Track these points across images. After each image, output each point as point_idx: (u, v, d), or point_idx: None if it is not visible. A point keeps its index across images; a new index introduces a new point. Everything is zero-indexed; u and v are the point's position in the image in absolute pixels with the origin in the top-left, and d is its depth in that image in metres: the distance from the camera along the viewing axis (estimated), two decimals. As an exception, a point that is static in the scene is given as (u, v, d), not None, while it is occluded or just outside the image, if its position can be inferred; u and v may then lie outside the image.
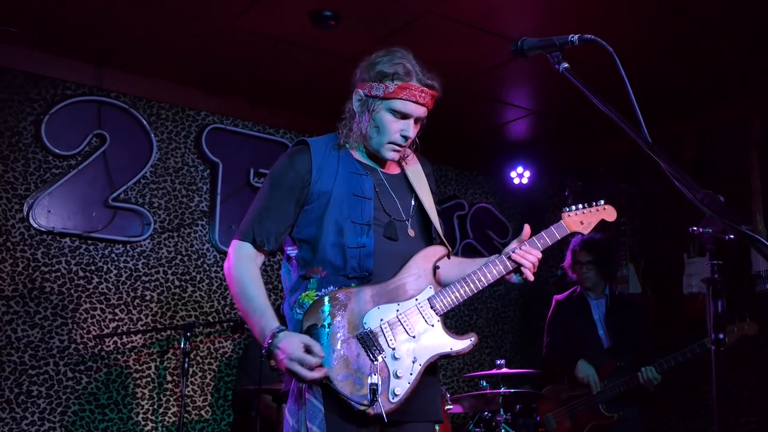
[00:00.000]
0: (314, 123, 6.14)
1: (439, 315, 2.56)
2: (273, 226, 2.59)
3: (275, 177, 2.65)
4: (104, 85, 5.31)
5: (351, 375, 2.40)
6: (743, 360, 5.23)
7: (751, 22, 4.53)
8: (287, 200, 2.60)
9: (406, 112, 2.60)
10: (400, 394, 2.44)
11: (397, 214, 2.65)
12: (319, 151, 2.67)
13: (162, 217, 5.44)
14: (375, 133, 2.63)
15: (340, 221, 2.54)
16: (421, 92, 2.60)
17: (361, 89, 2.68)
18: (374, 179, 2.66)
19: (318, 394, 2.39)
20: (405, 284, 2.56)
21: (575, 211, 2.89)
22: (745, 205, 5.09)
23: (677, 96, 5.56)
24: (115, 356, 5.13)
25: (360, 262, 2.52)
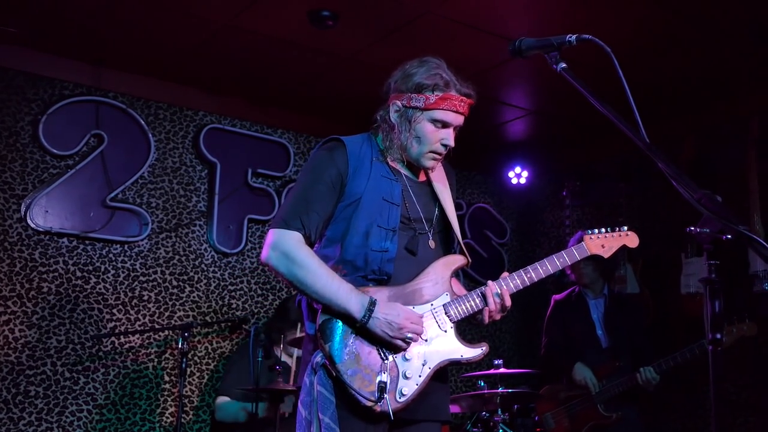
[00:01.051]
0: (313, 122, 6.15)
1: (453, 322, 2.61)
2: (317, 218, 2.60)
3: (317, 170, 2.65)
4: (102, 85, 5.30)
5: (361, 371, 2.45)
6: (741, 360, 5.23)
7: (749, 22, 4.53)
8: (329, 194, 2.61)
9: (447, 121, 2.65)
10: (407, 394, 2.48)
11: (420, 222, 2.69)
12: (354, 152, 2.68)
13: (160, 217, 5.44)
14: (416, 144, 2.66)
15: (367, 224, 2.57)
16: (460, 102, 2.66)
17: (399, 100, 2.69)
18: (402, 186, 2.69)
19: (329, 386, 2.44)
20: (422, 289, 2.60)
21: (597, 234, 2.92)
22: (743, 205, 5.09)
23: (675, 96, 5.56)
24: (113, 356, 5.13)
25: (381, 266, 2.55)
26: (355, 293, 2.47)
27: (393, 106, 2.70)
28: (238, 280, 5.67)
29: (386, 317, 2.45)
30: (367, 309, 2.45)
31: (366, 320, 2.44)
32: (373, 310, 2.45)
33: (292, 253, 2.51)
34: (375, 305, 2.46)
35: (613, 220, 5.96)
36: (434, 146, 2.66)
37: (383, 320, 2.44)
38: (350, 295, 2.46)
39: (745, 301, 4.96)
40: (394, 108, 2.69)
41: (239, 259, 5.70)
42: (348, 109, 5.84)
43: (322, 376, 2.46)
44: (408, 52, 3.20)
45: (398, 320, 2.46)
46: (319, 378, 2.45)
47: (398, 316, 2.46)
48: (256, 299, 5.73)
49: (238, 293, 5.66)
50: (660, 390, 4.80)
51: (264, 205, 5.82)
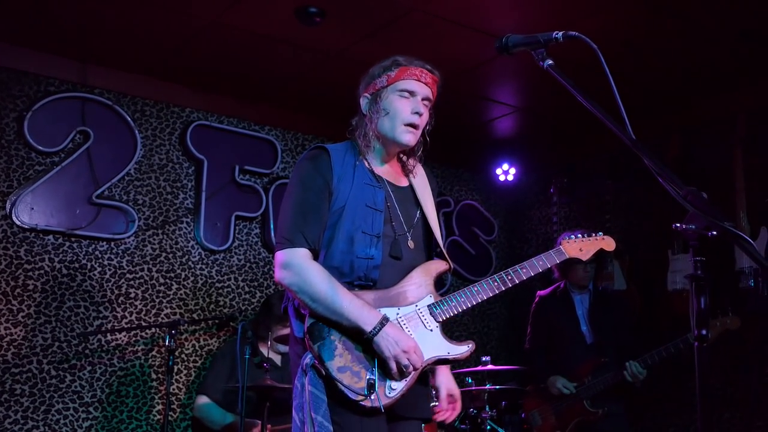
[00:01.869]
0: (300, 119, 6.14)
1: (438, 321, 2.68)
2: (316, 228, 2.64)
3: (305, 181, 2.70)
4: (88, 82, 5.27)
5: (350, 368, 2.51)
6: (726, 355, 5.26)
7: (736, 20, 4.55)
8: (321, 203, 2.67)
9: (412, 89, 2.73)
10: (397, 389, 2.54)
11: (401, 227, 2.75)
12: (338, 160, 2.75)
13: (146, 214, 5.41)
14: (388, 120, 2.74)
15: (351, 231, 2.63)
16: (422, 72, 2.75)
17: (366, 93, 2.81)
18: (385, 192, 2.76)
19: (320, 386, 2.49)
20: (406, 291, 2.67)
21: (575, 239, 3.03)
22: (729, 202, 5.12)
23: (662, 93, 5.58)
24: (100, 354, 5.10)
25: (366, 272, 2.62)
26: (368, 308, 2.54)
27: (363, 100, 2.82)
28: (226, 278, 5.66)
29: (395, 337, 2.51)
30: (379, 323, 2.51)
31: (375, 333, 2.50)
32: (384, 325, 2.51)
33: (303, 272, 2.56)
34: (387, 321, 2.53)
35: (600, 217, 5.98)
36: (406, 116, 2.72)
37: (392, 338, 2.50)
38: (362, 309, 2.52)
39: (731, 298, 4.98)
40: (364, 101, 2.81)
41: (226, 257, 5.69)
42: (335, 106, 5.82)
43: (312, 376, 2.50)
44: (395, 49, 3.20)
45: (406, 344, 2.52)
46: (310, 379, 2.50)
47: (406, 341, 2.53)
48: (243, 296, 5.72)
49: (225, 290, 5.64)
50: (646, 385, 4.82)
51: (251, 202, 5.81)
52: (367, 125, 2.78)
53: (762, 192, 5.06)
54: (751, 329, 4.94)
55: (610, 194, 6.00)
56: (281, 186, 5.95)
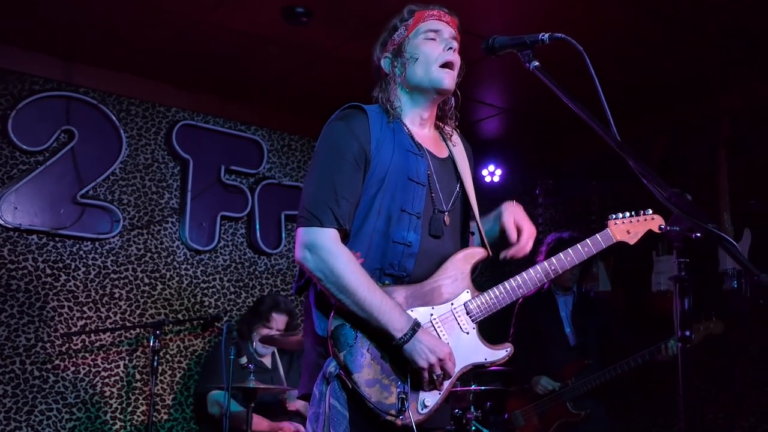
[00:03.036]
0: (286, 119, 6.13)
1: (476, 322, 2.42)
2: (348, 206, 2.30)
3: (337, 145, 2.34)
4: (73, 81, 5.25)
5: (379, 381, 2.23)
6: (709, 357, 5.29)
7: (719, 23, 4.58)
8: (356, 175, 2.33)
9: (437, 29, 2.47)
10: (430, 405, 2.29)
11: (440, 204, 2.45)
12: (376, 121, 2.41)
13: (131, 214, 5.39)
14: (420, 66, 2.43)
15: (391, 207, 2.33)
16: (440, 13, 2.50)
17: (385, 53, 2.53)
18: (427, 162, 2.44)
19: (343, 399, 2.20)
20: (441, 286, 2.38)
21: (622, 219, 2.71)
22: (713, 204, 5.15)
23: (647, 95, 5.60)
24: (83, 354, 5.07)
25: (401, 260, 2.33)
26: (399, 311, 2.23)
27: (383, 61, 2.52)
28: (211, 278, 5.64)
29: (429, 344, 2.23)
30: (411, 329, 2.22)
31: (406, 340, 2.21)
32: (416, 331, 2.23)
33: (331, 258, 2.23)
34: (419, 328, 2.24)
35: (586, 218, 6.00)
36: (438, 55, 2.42)
37: (425, 346, 2.22)
38: (393, 311, 2.22)
39: (715, 299, 5.01)
40: (385, 62, 2.52)
41: (212, 257, 5.67)
42: (322, 106, 5.79)
43: (335, 387, 2.21)
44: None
45: (441, 352, 2.24)
46: (333, 390, 2.20)
47: (442, 347, 2.25)
48: (228, 297, 5.70)
49: (210, 291, 5.62)
50: (629, 387, 4.84)
51: (237, 203, 5.79)
52: (392, 85, 2.47)
53: (746, 194, 5.09)
54: (734, 330, 4.97)
55: (596, 195, 6.02)
56: (267, 186, 5.93)
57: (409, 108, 2.50)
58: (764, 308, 5.00)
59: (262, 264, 5.90)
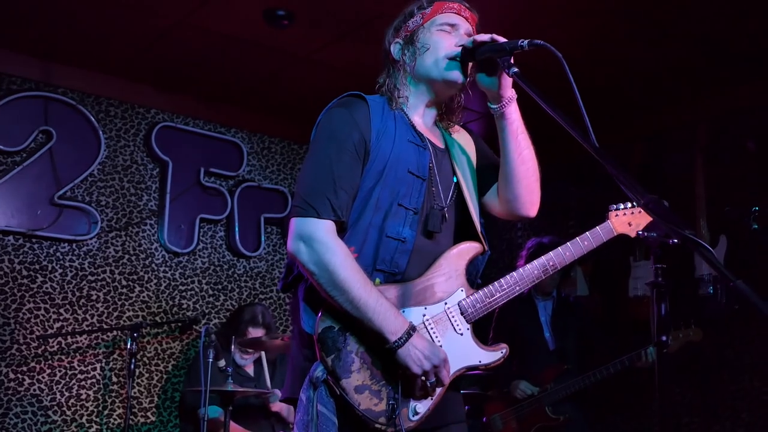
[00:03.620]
0: (267, 122, 6.11)
1: (470, 322, 2.30)
2: (346, 197, 2.19)
3: (338, 135, 2.23)
4: (52, 81, 5.21)
5: (368, 387, 2.13)
6: (685, 361, 5.33)
7: (698, 31, 4.63)
8: (355, 166, 2.22)
9: (454, 23, 2.38)
10: (421, 412, 2.19)
11: (439, 199, 2.35)
12: (377, 110, 2.30)
13: (109, 215, 5.35)
14: (429, 56, 2.34)
15: (387, 201, 2.23)
16: (460, 7, 2.40)
17: (398, 38, 2.42)
18: (430, 154, 2.34)
19: (331, 405, 2.11)
20: (434, 285, 2.27)
21: (623, 209, 2.62)
22: (690, 210, 5.19)
23: (626, 102, 5.65)
24: (59, 357, 5.03)
25: (393, 256, 2.22)
26: (394, 313, 2.12)
27: (393, 47, 2.41)
28: (189, 280, 5.61)
29: (424, 350, 2.12)
30: (406, 333, 2.10)
31: (400, 344, 2.10)
32: (411, 335, 2.11)
33: (326, 251, 2.11)
34: (414, 332, 2.13)
35: (564, 223, 6.03)
36: (451, 49, 2.33)
37: (420, 352, 2.11)
38: (389, 313, 2.10)
39: (691, 304, 5.06)
40: (395, 48, 2.41)
41: (190, 259, 5.64)
42: (303, 108, 5.82)
43: (323, 393, 2.11)
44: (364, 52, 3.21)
45: (437, 358, 2.14)
46: (320, 396, 2.11)
47: (437, 355, 2.14)
48: (207, 299, 5.67)
49: (188, 293, 5.60)
50: (607, 391, 4.87)
51: (216, 205, 5.77)
52: (400, 72, 2.37)
53: (722, 200, 5.14)
54: (710, 336, 5.01)
55: (574, 200, 6.06)
56: (247, 189, 5.92)
57: (414, 98, 2.41)
58: (739, 314, 5.05)
59: (241, 267, 5.88)
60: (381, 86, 2.41)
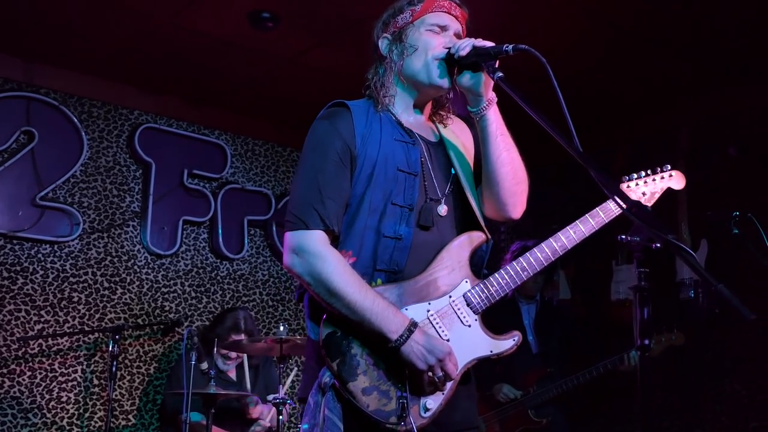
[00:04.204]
0: (251, 124, 6.10)
1: (477, 313, 2.27)
2: (335, 205, 2.20)
3: (320, 145, 2.25)
4: (34, 81, 5.17)
5: (376, 388, 2.12)
6: (666, 364, 5.37)
7: (680, 38, 4.66)
8: (342, 173, 2.23)
9: (444, 23, 2.36)
10: (432, 408, 2.16)
11: (434, 192, 2.32)
12: (361, 116, 2.30)
13: (92, 217, 5.32)
14: (416, 58, 2.32)
15: (380, 202, 2.22)
16: (451, 5, 2.38)
17: (386, 33, 2.40)
18: (420, 150, 2.33)
19: (338, 411, 2.11)
20: (437, 279, 2.24)
21: (636, 179, 2.57)
22: (672, 215, 5.23)
23: (609, 107, 5.68)
24: (40, 359, 4.99)
25: (392, 255, 2.21)
26: (393, 311, 2.12)
27: (381, 42, 2.40)
28: (172, 282, 5.59)
29: (426, 345, 2.11)
30: (407, 330, 2.10)
31: (401, 342, 2.09)
32: (413, 332, 2.11)
33: (318, 261, 2.14)
34: (416, 328, 2.12)
35: (547, 226, 6.04)
36: (438, 52, 2.31)
37: (423, 347, 2.10)
38: (387, 312, 2.10)
39: (672, 308, 5.09)
40: (383, 43, 2.40)
41: (173, 261, 5.62)
42: (287, 111, 5.82)
43: (330, 398, 2.11)
44: (348, 56, 3.20)
45: (440, 352, 2.12)
46: (327, 401, 2.11)
47: (441, 347, 2.12)
48: (189, 302, 5.65)
49: (171, 295, 5.57)
50: (589, 395, 4.90)
51: (199, 207, 5.75)
52: (388, 70, 2.36)
53: (703, 205, 5.17)
54: (691, 339, 5.04)
55: (558, 203, 6.08)
56: (230, 191, 5.90)
57: (401, 96, 2.39)
58: (720, 317, 5.09)
59: (224, 269, 5.86)
60: (369, 83, 2.41)
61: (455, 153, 2.43)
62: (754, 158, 5.22)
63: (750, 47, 4.76)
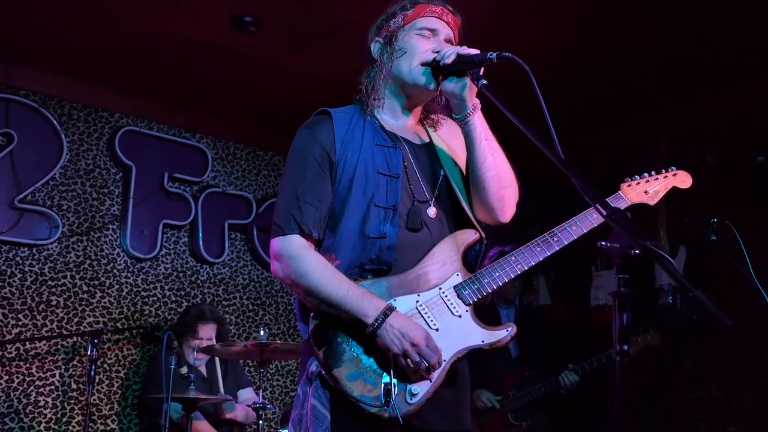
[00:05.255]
0: (232, 128, 6.09)
1: (468, 304, 2.26)
2: (314, 211, 2.24)
3: (300, 154, 2.30)
4: (13, 83, 5.14)
5: (362, 374, 2.14)
6: (645, 369, 5.41)
7: (659, 47, 4.71)
8: (320, 178, 2.27)
9: (434, 27, 2.39)
10: (418, 394, 2.15)
11: (421, 194, 2.34)
12: (342, 123, 2.35)
13: (71, 220, 5.29)
14: (404, 61, 2.35)
15: (362, 205, 2.25)
16: (443, 11, 2.42)
17: (378, 37, 2.44)
18: (402, 152, 2.35)
19: (325, 399, 2.14)
20: (427, 273, 2.25)
21: (637, 180, 2.56)
22: (650, 222, 5.27)
23: (589, 115, 5.72)
24: (17, 363, 4.95)
25: (379, 254, 2.22)
26: (368, 297, 2.14)
27: (374, 45, 2.44)
28: (152, 286, 5.56)
29: (402, 328, 2.11)
30: (382, 313, 2.12)
31: (378, 325, 2.11)
32: (388, 315, 2.12)
33: (295, 263, 2.19)
34: (392, 311, 2.13)
35: (528, 232, 6.07)
36: (426, 55, 2.34)
37: (397, 330, 2.10)
38: (363, 298, 2.13)
39: (651, 314, 5.13)
40: (375, 46, 2.44)
41: (153, 265, 5.59)
42: (269, 115, 5.81)
43: (317, 386, 2.15)
44: (331, 60, 3.21)
45: (414, 335, 2.11)
46: (314, 390, 2.15)
47: (415, 331, 2.12)
48: (169, 305, 5.62)
49: (151, 299, 5.54)
50: (568, 398, 4.92)
51: (180, 210, 5.73)
52: (378, 72, 2.39)
53: (681, 212, 5.22)
54: (669, 344, 5.09)
55: (538, 210, 6.12)
56: (211, 194, 5.88)
57: (390, 99, 2.43)
58: (698, 323, 5.14)
59: (204, 273, 5.84)
60: (361, 86, 2.44)
61: (445, 155, 2.44)
62: (731, 165, 5.28)
63: (728, 56, 4.82)
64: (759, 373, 5.02)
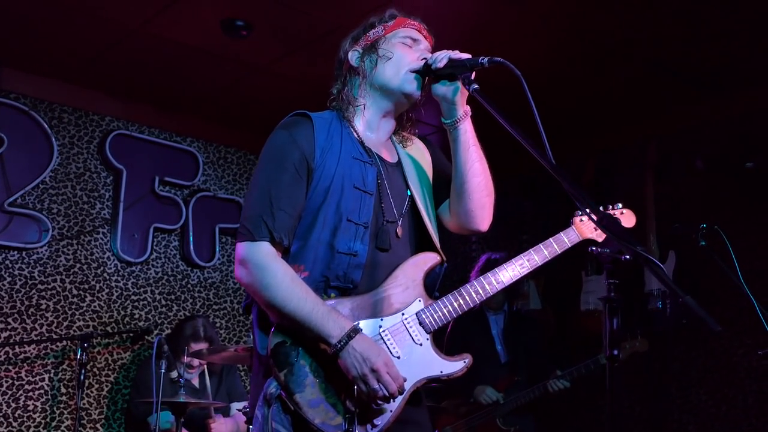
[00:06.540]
0: (223, 132, 6.08)
1: (429, 332, 2.25)
2: (286, 218, 2.17)
3: (276, 154, 2.22)
4: (3, 86, 5.12)
5: (323, 401, 2.09)
6: (635, 374, 5.42)
7: (648, 52, 4.74)
8: (297, 184, 2.20)
9: (415, 37, 2.39)
10: (380, 425, 2.12)
11: (391, 213, 2.31)
12: (322, 128, 2.28)
13: (61, 223, 5.27)
14: (390, 67, 2.33)
15: (335, 217, 2.20)
16: (421, 26, 2.44)
17: (356, 47, 2.40)
18: (377, 169, 2.31)
19: (287, 422, 2.07)
20: (390, 296, 2.23)
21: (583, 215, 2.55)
22: (640, 227, 5.28)
23: (578, 120, 5.74)
24: (6, 367, 4.93)
25: (347, 271, 2.19)
26: (334, 316, 2.09)
27: (352, 54, 2.39)
28: (142, 290, 5.55)
29: (363, 352, 2.05)
30: (347, 335, 2.06)
31: (341, 347, 2.06)
32: (353, 338, 2.06)
33: (261, 272, 2.12)
34: (356, 334, 2.08)
35: (518, 236, 6.09)
36: (413, 62, 2.34)
37: (359, 354, 2.05)
38: (328, 317, 2.08)
39: (640, 318, 5.15)
40: (354, 55, 2.39)
41: (143, 269, 5.57)
42: (260, 119, 5.79)
43: (278, 409, 2.07)
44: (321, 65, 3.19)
45: (375, 361, 2.06)
46: (274, 413, 2.07)
47: (377, 356, 2.07)
48: (159, 309, 5.61)
49: (141, 303, 5.53)
50: (558, 403, 4.94)
51: (170, 214, 5.72)
52: (359, 79, 2.36)
53: (671, 217, 5.25)
54: (659, 349, 5.11)
55: (528, 214, 6.14)
56: (202, 198, 5.88)
57: (369, 108, 2.38)
58: (687, 328, 5.15)
59: (194, 277, 5.83)
60: (335, 97, 2.40)
61: (412, 175, 2.43)
62: (720, 171, 5.31)
63: (718, 61, 4.84)
64: (748, 377, 5.04)
